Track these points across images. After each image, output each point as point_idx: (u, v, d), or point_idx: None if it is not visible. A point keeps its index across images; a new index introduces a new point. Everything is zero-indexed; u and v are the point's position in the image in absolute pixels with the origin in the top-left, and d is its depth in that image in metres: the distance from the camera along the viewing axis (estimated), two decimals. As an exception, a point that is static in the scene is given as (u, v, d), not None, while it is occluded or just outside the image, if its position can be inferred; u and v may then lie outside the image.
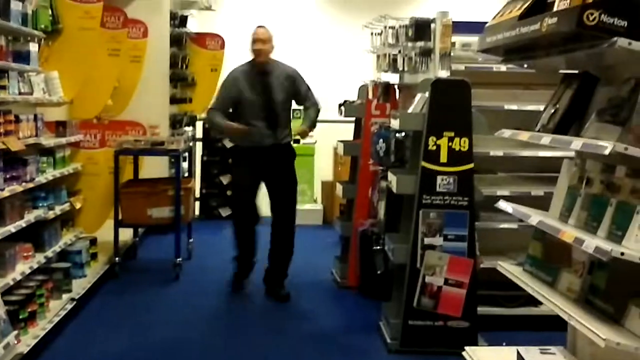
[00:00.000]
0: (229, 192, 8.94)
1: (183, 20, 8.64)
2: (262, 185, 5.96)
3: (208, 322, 5.28)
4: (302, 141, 9.27)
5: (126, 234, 6.92)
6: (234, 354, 4.75)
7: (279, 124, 5.82)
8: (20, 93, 4.91)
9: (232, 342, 4.95)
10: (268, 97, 5.78)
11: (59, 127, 5.77)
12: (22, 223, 4.65)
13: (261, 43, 5.76)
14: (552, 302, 3.01)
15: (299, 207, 9.22)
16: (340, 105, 6.51)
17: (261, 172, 5.87)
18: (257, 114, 5.76)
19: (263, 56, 5.78)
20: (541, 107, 3.64)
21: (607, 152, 2.57)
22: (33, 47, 5.19)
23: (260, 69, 5.82)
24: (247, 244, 5.98)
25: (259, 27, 5.88)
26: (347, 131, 6.89)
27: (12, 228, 4.45)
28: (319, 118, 6.01)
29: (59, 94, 5.74)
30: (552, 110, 3.36)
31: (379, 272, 5.39)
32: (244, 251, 6.00)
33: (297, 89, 5.90)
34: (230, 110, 5.90)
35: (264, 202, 6.06)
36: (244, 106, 5.80)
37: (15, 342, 4.03)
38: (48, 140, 5.39)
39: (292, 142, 6.07)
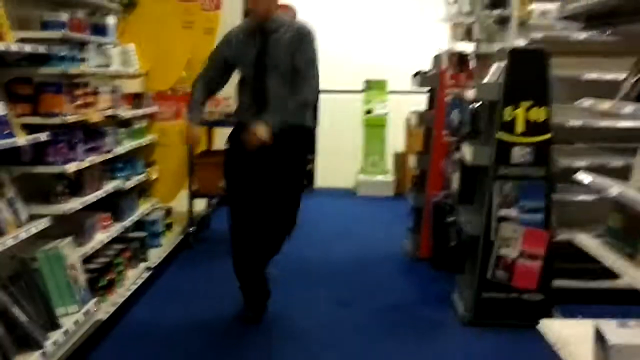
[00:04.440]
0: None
1: (255, -8, 8.66)
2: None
3: (279, 291, 5.31)
4: (374, 111, 9.39)
5: (200, 205, 7.03)
6: (305, 325, 4.76)
7: (268, 102, 4.42)
8: (98, 66, 5.01)
9: (303, 314, 4.98)
10: (259, 62, 4.42)
11: (136, 99, 5.88)
12: (101, 193, 4.73)
13: None
14: (632, 276, 2.94)
15: (371, 178, 9.37)
16: (413, 76, 6.43)
17: (253, 162, 4.49)
18: (247, 83, 4.55)
19: (260, 14, 4.42)
20: (622, 76, 3.53)
21: (694, 121, 2.48)
22: (110, 20, 5.28)
23: (260, 25, 4.47)
24: (249, 280, 4.83)
25: None
26: (419, 102, 6.82)
27: (92, 197, 4.55)
28: (392, 88, 5.75)
29: (135, 66, 5.84)
30: (635, 79, 3.25)
31: (452, 244, 5.34)
32: (250, 288, 4.87)
33: (295, 53, 4.41)
34: (221, 76, 4.68)
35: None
36: (240, 71, 4.58)
37: (95, 309, 4.14)
38: (125, 112, 5.48)
39: (303, 128, 4.57)
